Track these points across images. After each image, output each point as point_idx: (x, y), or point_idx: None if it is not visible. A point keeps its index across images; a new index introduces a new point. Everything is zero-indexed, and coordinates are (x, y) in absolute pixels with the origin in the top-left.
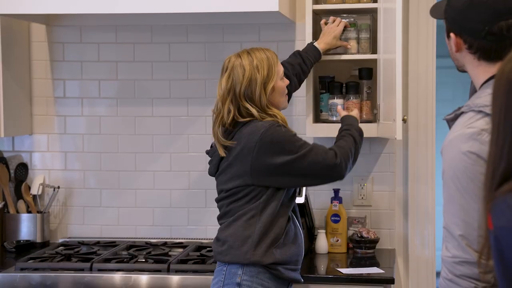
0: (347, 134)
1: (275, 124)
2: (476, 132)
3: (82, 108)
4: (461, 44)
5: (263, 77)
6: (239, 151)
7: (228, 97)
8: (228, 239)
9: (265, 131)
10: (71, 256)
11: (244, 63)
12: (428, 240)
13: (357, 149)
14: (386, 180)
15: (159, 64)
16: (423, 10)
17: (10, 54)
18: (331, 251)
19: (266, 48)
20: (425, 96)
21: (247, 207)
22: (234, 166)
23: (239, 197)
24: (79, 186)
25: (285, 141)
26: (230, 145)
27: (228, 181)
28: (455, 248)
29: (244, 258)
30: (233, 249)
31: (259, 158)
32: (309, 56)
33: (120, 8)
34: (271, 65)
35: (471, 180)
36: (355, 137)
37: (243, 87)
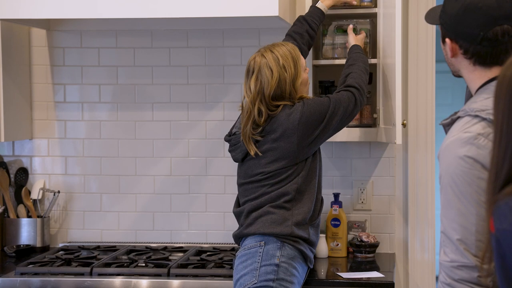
0: (356, 62)
1: (306, 99)
2: (472, 137)
3: (82, 113)
4: (456, 49)
5: (291, 76)
6: (280, 134)
7: (257, 98)
8: (269, 213)
9: (302, 109)
10: (71, 260)
11: (270, 63)
12: (428, 244)
13: (367, 72)
14: (386, 184)
15: (159, 68)
16: (422, 15)
17: (11, 58)
18: (331, 255)
19: (285, 42)
20: (424, 100)
21: (287, 187)
22: (277, 149)
23: (281, 179)
24: (79, 190)
25: (318, 108)
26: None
27: (269, 164)
28: (453, 253)
29: (289, 231)
30: (275, 224)
31: (305, 133)
32: (314, 20)
33: (120, 13)
34: (296, 60)
35: (469, 184)
36: (364, 63)
37: (273, 89)
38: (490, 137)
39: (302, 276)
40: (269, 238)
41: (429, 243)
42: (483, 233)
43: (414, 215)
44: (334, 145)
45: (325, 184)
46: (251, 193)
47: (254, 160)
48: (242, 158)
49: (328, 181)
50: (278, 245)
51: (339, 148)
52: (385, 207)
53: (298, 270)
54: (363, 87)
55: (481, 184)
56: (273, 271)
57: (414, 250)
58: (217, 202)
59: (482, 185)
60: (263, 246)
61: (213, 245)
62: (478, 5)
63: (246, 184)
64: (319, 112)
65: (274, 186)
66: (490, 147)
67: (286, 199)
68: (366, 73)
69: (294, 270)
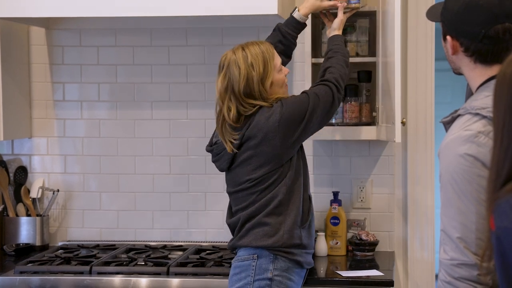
0: (338, 49)
1: (284, 99)
2: (473, 135)
3: (81, 111)
4: (457, 47)
5: (259, 75)
6: (262, 138)
7: (226, 95)
8: (261, 225)
9: (281, 109)
10: (71, 259)
11: (238, 61)
12: (428, 242)
13: (347, 65)
14: (385, 182)
15: (159, 67)
16: (421, 13)
17: (10, 57)
18: (331, 253)
19: (261, 41)
20: (424, 98)
21: (276, 191)
22: (260, 154)
23: (269, 183)
24: (78, 189)
25: (298, 106)
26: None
27: (254, 170)
28: (453, 251)
29: (280, 241)
30: (267, 236)
31: (286, 134)
32: (289, 30)
33: (120, 11)
34: (266, 60)
35: (469, 182)
36: (345, 54)
37: (242, 86)
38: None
39: (299, 283)
40: (262, 251)
41: (429, 241)
42: (483, 231)
43: (414, 213)
44: (333, 144)
45: (325, 182)
46: (242, 202)
47: (240, 168)
48: (228, 167)
49: (327, 179)
50: (270, 258)
51: (338, 146)
52: (384, 205)
53: (293, 280)
54: (341, 84)
55: (481, 182)
56: (266, 286)
57: (414, 248)
58: (216, 200)
59: (482, 183)
60: (256, 260)
61: (212, 243)
62: (479, 2)
63: (235, 193)
64: (299, 111)
65: (263, 192)
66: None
67: (277, 203)
68: (346, 66)
69: (288, 282)
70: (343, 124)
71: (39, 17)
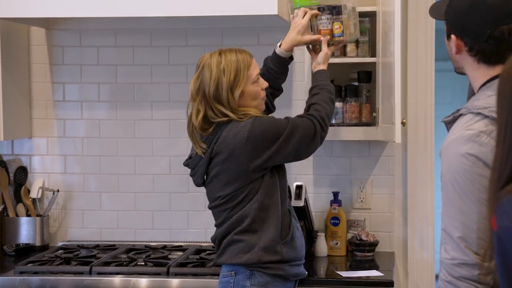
0: (323, 86)
1: (256, 118)
2: (475, 134)
3: (81, 112)
4: (461, 46)
5: (229, 81)
6: (228, 154)
7: (197, 97)
8: (236, 242)
9: (251, 127)
10: (71, 259)
11: (212, 65)
12: (428, 243)
13: (332, 103)
14: (386, 183)
15: (159, 67)
16: (421, 13)
17: (10, 57)
18: (331, 254)
19: (242, 49)
20: (424, 99)
21: (247, 208)
22: (227, 171)
23: (239, 200)
24: (78, 189)
25: (271, 130)
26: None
27: (224, 187)
28: (454, 250)
29: (255, 258)
30: (242, 252)
31: (253, 153)
32: (271, 64)
33: (120, 11)
34: (239, 69)
35: (470, 182)
36: (330, 91)
37: (212, 89)
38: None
39: None
40: (239, 268)
41: (429, 241)
42: (484, 231)
43: (414, 213)
44: (333, 144)
45: (325, 182)
46: (217, 218)
47: (212, 184)
48: (202, 182)
49: (328, 179)
50: (247, 275)
51: (338, 146)
52: (384, 205)
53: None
54: (326, 122)
55: (483, 181)
56: None
57: (414, 248)
58: None
59: (483, 182)
60: (234, 277)
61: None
62: (486, 2)
63: (212, 209)
64: (273, 132)
65: (234, 209)
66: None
67: (249, 221)
68: (332, 103)
69: None
70: (343, 125)
71: (39, 17)
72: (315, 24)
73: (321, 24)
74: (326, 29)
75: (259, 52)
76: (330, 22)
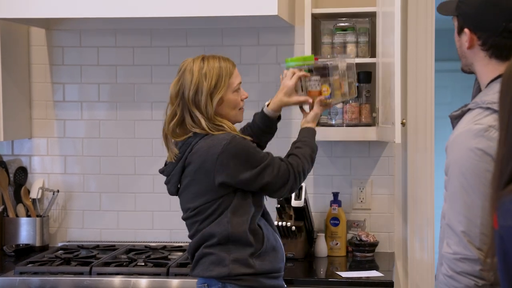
0: (308, 143)
1: (236, 136)
2: (483, 129)
3: (81, 112)
4: (474, 40)
5: (209, 86)
6: (199, 166)
7: (176, 100)
8: (206, 255)
9: (227, 144)
10: (71, 260)
11: (194, 69)
12: (427, 243)
13: (312, 161)
14: (385, 183)
15: (159, 67)
16: (421, 13)
17: (10, 58)
18: (331, 254)
19: (226, 58)
20: (424, 99)
21: (217, 223)
22: (197, 183)
23: (208, 214)
24: (78, 190)
25: (247, 154)
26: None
27: (193, 199)
28: (456, 245)
29: (226, 271)
30: (213, 265)
31: (222, 170)
32: (258, 122)
33: (120, 12)
34: (221, 75)
35: (477, 176)
36: (313, 149)
37: (191, 93)
38: None
39: None
40: (211, 280)
41: (428, 242)
42: (487, 226)
43: (414, 214)
44: (333, 144)
45: (324, 183)
46: (189, 230)
47: (184, 194)
48: (176, 191)
49: (327, 180)
50: (219, 287)
51: (338, 147)
52: (384, 206)
53: None
54: (301, 176)
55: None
56: None
57: (414, 249)
58: None
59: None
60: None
61: None
62: None
63: (184, 220)
64: (248, 158)
65: (204, 222)
66: None
67: (219, 237)
68: (311, 161)
69: None
70: (343, 125)
71: (39, 17)
72: (305, 84)
73: (311, 85)
74: (315, 90)
75: (259, 52)
76: (319, 84)
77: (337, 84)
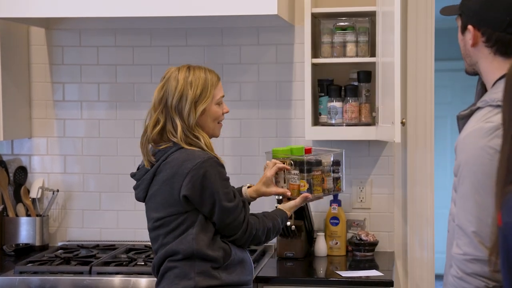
0: (274, 220)
1: (214, 159)
2: (494, 127)
3: (81, 112)
4: (478, 37)
5: (194, 95)
6: (169, 176)
7: (159, 107)
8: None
9: (202, 162)
10: (70, 259)
11: (179, 77)
12: (427, 242)
13: (267, 238)
14: (385, 182)
15: (158, 67)
16: (421, 13)
17: (10, 57)
18: (330, 254)
19: (211, 70)
20: (423, 99)
21: (181, 240)
22: (163, 192)
23: (172, 228)
24: (78, 189)
25: (216, 184)
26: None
27: (158, 209)
28: (466, 246)
29: (192, 284)
30: (178, 278)
31: (188, 188)
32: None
33: (119, 11)
34: (206, 86)
35: (488, 175)
36: (276, 228)
37: (175, 100)
38: None
39: None
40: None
41: (428, 241)
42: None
43: (413, 213)
44: (332, 144)
45: None
46: (153, 244)
47: (150, 203)
48: (144, 197)
49: None
50: None
51: (338, 146)
52: (384, 205)
53: None
54: (255, 238)
55: None
56: None
57: (413, 248)
58: None
59: None
60: None
61: None
62: None
63: (149, 231)
64: (218, 185)
65: (167, 236)
66: None
67: (183, 253)
68: (267, 237)
69: None
70: (343, 124)
71: (38, 17)
72: (287, 177)
73: (291, 178)
74: (295, 184)
75: (258, 51)
76: (298, 178)
77: (318, 180)
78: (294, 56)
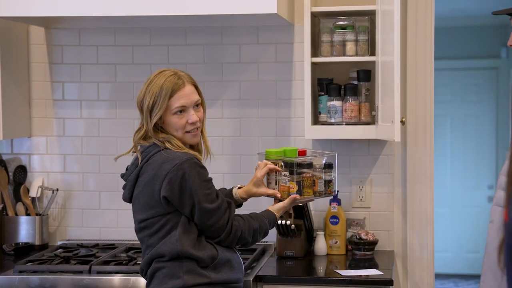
0: (261, 221)
1: (194, 160)
2: None
3: (81, 111)
4: None
5: (148, 107)
6: (150, 178)
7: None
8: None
9: (180, 164)
10: (70, 258)
11: (147, 82)
12: (427, 241)
13: (254, 239)
14: (385, 181)
15: (158, 66)
16: (421, 12)
17: (9, 56)
18: (330, 253)
19: (181, 75)
20: (423, 97)
21: (166, 242)
22: (145, 194)
23: (156, 229)
24: (78, 188)
25: (195, 185)
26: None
27: (141, 210)
28: None
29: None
30: (167, 278)
31: (167, 190)
32: (223, 195)
33: (119, 10)
34: (158, 97)
35: None
36: (263, 229)
37: (140, 105)
38: None
39: None
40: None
41: (428, 240)
42: None
43: (413, 212)
44: (332, 143)
45: None
46: (141, 244)
47: (135, 203)
48: (129, 198)
49: None
50: None
51: (337, 145)
52: (384, 204)
53: None
54: (240, 239)
55: None
56: None
57: (413, 247)
58: None
59: None
60: None
61: None
62: None
63: (136, 232)
64: (198, 186)
65: (152, 237)
66: None
67: (169, 254)
68: (253, 238)
69: None
70: (343, 123)
71: (38, 16)
72: (278, 178)
73: (281, 180)
74: (285, 185)
75: (258, 50)
76: (288, 180)
77: (308, 182)
78: (293, 55)
